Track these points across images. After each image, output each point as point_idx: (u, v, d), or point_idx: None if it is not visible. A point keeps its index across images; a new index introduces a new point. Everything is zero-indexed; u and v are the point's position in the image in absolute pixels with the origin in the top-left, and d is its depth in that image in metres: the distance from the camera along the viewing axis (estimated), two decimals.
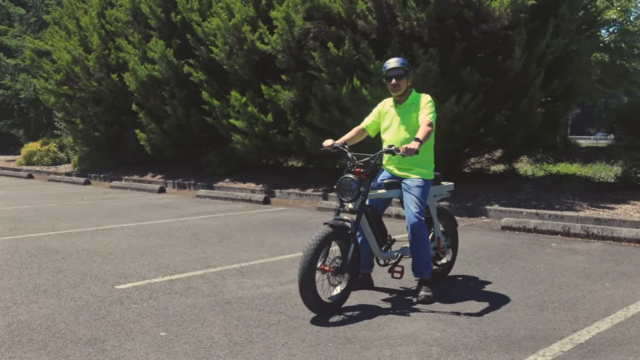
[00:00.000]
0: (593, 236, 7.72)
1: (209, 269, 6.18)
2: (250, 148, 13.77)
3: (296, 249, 7.19)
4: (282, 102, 12.73)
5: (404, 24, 10.58)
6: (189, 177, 15.54)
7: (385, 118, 5.39)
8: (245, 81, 13.67)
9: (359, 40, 11.23)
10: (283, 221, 9.51)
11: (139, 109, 16.24)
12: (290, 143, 13.10)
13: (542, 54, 10.57)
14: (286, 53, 12.52)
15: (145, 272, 6.04)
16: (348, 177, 4.82)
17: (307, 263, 4.45)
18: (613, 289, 5.37)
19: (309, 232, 8.39)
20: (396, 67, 5.20)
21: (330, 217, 9.78)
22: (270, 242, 7.67)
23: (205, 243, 7.63)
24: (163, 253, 7.01)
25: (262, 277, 5.86)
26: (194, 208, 11.23)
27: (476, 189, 11.35)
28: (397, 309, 4.79)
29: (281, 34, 12.39)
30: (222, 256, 6.83)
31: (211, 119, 14.48)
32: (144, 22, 16.25)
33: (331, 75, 11.76)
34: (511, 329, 4.28)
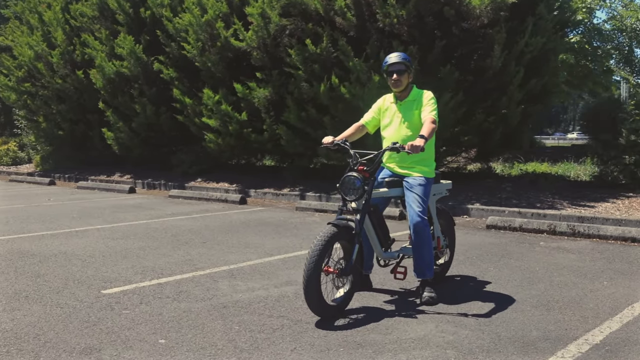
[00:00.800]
0: (579, 234, 7.72)
1: (197, 272, 5.94)
2: (224, 147, 13.49)
3: (283, 250, 7.00)
4: (257, 100, 12.50)
5: (383, 21, 10.46)
6: (159, 176, 15.16)
7: (385, 115, 5.24)
8: (218, 78, 13.38)
9: (337, 37, 11.07)
10: (263, 221, 9.29)
11: (106, 107, 15.79)
12: (265, 142, 12.87)
13: (521, 53, 10.59)
14: (261, 50, 12.29)
15: (131, 276, 5.77)
16: (352, 175, 4.65)
17: (313, 265, 4.27)
18: (612, 287, 5.32)
19: (292, 233, 8.22)
20: (397, 62, 5.05)
21: (309, 218, 9.73)
22: (255, 243, 7.46)
23: (188, 244, 7.38)
24: (145, 255, 6.73)
25: (255, 279, 5.65)
26: (168, 208, 10.92)
27: (455, 188, 11.20)
28: (402, 311, 4.64)
29: (256, 31, 12.15)
30: (208, 258, 6.60)
31: (183, 117, 14.15)
32: (111, 17, 15.81)
33: (308, 73, 11.57)
34: (523, 330, 4.17)
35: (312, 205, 10.55)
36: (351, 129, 5.29)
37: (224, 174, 14.42)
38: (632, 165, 10.33)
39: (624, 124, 10.32)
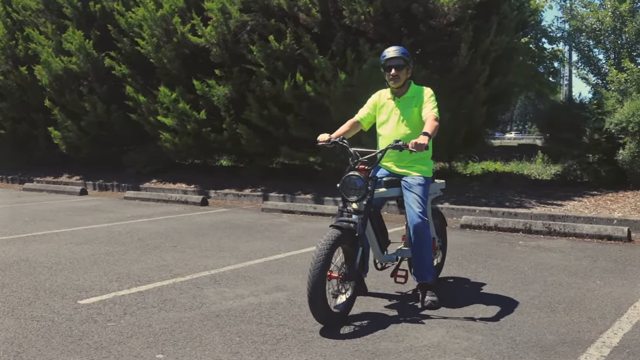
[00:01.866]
0: (555, 233, 7.72)
1: (177, 278, 5.60)
2: (181, 147, 13.05)
3: (261, 254, 6.71)
4: (216, 99, 12.13)
5: (350, 17, 10.28)
6: (110, 177, 14.56)
7: (381, 111, 5.02)
8: (174, 76, 12.94)
9: (301, 34, 10.83)
10: (231, 223, 8.96)
11: (53, 105, 15.07)
12: (224, 141, 12.50)
13: (487, 52, 10.60)
14: (221, 46, 11.93)
15: (106, 284, 5.39)
16: (353, 175, 4.41)
17: (318, 271, 4.02)
18: (607, 287, 5.27)
19: (264, 235, 7.93)
20: (396, 57, 4.85)
21: (278, 219, 9.46)
22: (229, 247, 7.14)
23: (158, 249, 7.00)
24: (116, 261, 6.33)
25: (241, 285, 5.35)
26: (126, 211, 10.44)
27: None
28: (406, 317, 4.44)
29: (216, 26, 11.79)
30: (185, 263, 6.25)
31: (136, 116, 13.64)
32: (57, 11, 15.10)
33: (271, 70, 11.29)
34: (536, 334, 4.04)
35: (279, 206, 10.28)
36: (346, 126, 5.05)
37: (180, 174, 13.97)
38: (595, 164, 10.48)
39: (587, 123, 10.45)
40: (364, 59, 10.30)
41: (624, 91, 10.70)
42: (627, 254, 6.61)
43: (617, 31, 13.10)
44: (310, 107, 11.06)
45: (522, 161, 17.95)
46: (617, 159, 10.20)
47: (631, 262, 6.24)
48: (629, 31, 12.93)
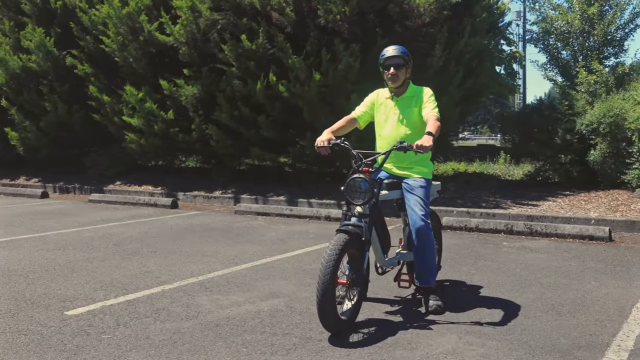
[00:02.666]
0: (537, 234, 7.74)
1: (165, 285, 5.36)
2: (147, 148, 12.69)
3: (247, 258, 6.52)
4: (185, 98, 11.83)
5: (326, 17, 10.14)
6: (71, 180, 14.07)
7: (380, 110, 4.90)
8: (140, 75, 12.57)
9: (274, 33, 10.64)
10: (207, 227, 8.72)
11: (10, 105, 14.49)
12: (193, 142, 12.21)
13: (461, 53, 10.61)
14: (190, 45, 11.64)
15: (91, 293, 5.12)
16: (358, 177, 4.28)
17: (328, 277, 3.86)
18: (604, 287, 5.27)
19: (245, 239, 7.73)
20: (395, 56, 4.75)
21: (253, 222, 9.25)
22: (211, 251, 6.92)
23: (138, 255, 6.73)
24: (95, 268, 6.05)
25: (234, 292, 5.16)
26: (94, 214, 10.07)
27: None
28: (413, 322, 4.32)
29: (185, 25, 11.49)
30: (169, 269, 6.01)
31: (99, 116, 13.21)
32: (15, 6, 14.55)
33: (242, 70, 11.06)
34: (549, 338, 3.98)
35: (253, 208, 10.06)
36: (341, 122, 4.90)
37: (145, 176, 13.61)
38: (567, 165, 10.61)
39: (558, 124, 10.57)
40: (339, 59, 10.19)
41: (593, 93, 10.87)
42: (612, 254, 6.65)
43: (584, 34, 13.35)
44: (283, 108, 10.88)
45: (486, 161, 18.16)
46: (589, 159, 10.34)
47: (618, 262, 6.27)
48: (598, 34, 13.20)
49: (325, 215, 9.28)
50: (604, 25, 13.25)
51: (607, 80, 10.82)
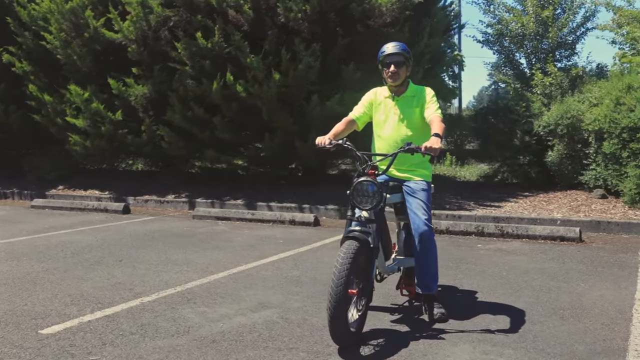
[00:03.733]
0: (508, 235, 7.71)
1: (142, 298, 4.98)
2: (93, 150, 12.07)
3: (221, 266, 6.19)
4: (134, 98, 11.31)
5: (287, 15, 9.87)
6: (8, 184, 13.23)
7: (379, 110, 4.68)
8: (84, 73, 11.94)
9: (230, 31, 10.28)
10: (167, 233, 8.30)
11: None
12: (143, 144, 11.68)
13: (421, 54, 10.54)
14: (139, 43, 11.13)
15: (62, 308, 4.69)
16: (366, 181, 4.05)
17: (342, 287, 3.62)
18: (595, 289, 5.23)
19: (212, 245, 7.39)
20: (395, 53, 4.55)
21: (216, 227, 8.88)
22: (180, 259, 6.54)
23: (102, 264, 6.29)
24: (60, 280, 5.59)
25: (219, 303, 4.84)
26: (41, 221, 9.46)
27: None
28: (421, 332, 4.13)
29: (135, 22, 10.98)
30: (141, 280, 5.62)
31: (40, 116, 12.48)
32: None
33: (197, 69, 10.65)
34: (564, 344, 3.86)
35: (212, 212, 9.68)
36: (342, 124, 4.66)
37: (90, 180, 12.96)
38: (525, 166, 10.71)
39: (517, 126, 10.66)
40: (299, 59, 9.94)
41: (548, 95, 11.02)
42: (588, 255, 6.66)
43: (538, 36, 13.58)
44: (240, 108, 10.54)
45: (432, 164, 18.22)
46: (546, 160, 10.47)
47: (597, 263, 6.28)
48: (552, 37, 13.45)
49: (290, 219, 9.00)
50: (558, 28, 13.54)
51: (561, 82, 11.00)
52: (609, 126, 9.15)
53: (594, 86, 10.57)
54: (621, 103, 9.10)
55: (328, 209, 9.73)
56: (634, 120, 8.72)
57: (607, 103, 9.46)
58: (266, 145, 10.75)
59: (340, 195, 10.64)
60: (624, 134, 8.94)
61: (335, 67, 10.26)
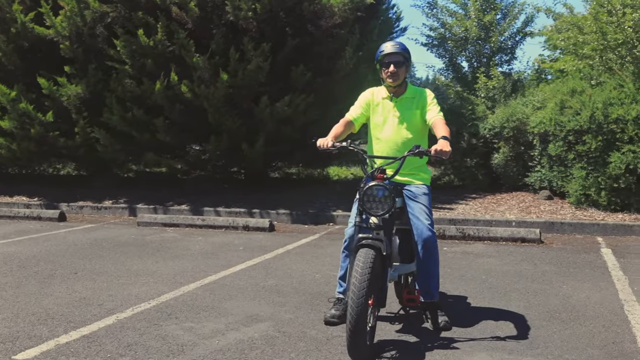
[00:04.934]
0: (470, 237, 7.72)
1: (117, 314, 4.58)
2: (20, 154, 11.28)
3: (189, 276, 5.83)
4: (67, 99, 10.64)
5: (237, 14, 9.53)
6: None
7: (376, 111, 4.48)
8: (10, 71, 11.16)
9: (174, 29, 9.84)
10: (115, 242, 7.79)
11: None
12: (77, 147, 11.02)
13: (372, 56, 10.44)
14: (74, 40, 10.49)
15: (30, 329, 4.23)
16: (376, 185, 3.85)
17: (363, 299, 3.43)
18: (578, 291, 5.24)
19: (170, 254, 6.99)
20: (395, 52, 4.36)
21: (166, 234, 8.43)
22: (142, 270, 6.12)
23: (56, 278, 5.78)
24: (15, 297, 5.08)
25: (205, 318, 4.51)
26: None
27: (301, 193, 10.84)
28: (432, 342, 3.96)
29: (69, 17, 10.33)
30: (107, 294, 5.19)
31: None
32: None
33: (137, 68, 10.13)
34: (577, 349, 3.80)
35: (159, 219, 9.20)
36: (340, 126, 4.42)
37: (16, 185, 12.11)
38: (472, 168, 10.82)
39: (464, 128, 10.76)
40: (249, 59, 9.63)
41: (492, 98, 11.21)
42: (554, 256, 6.73)
43: (480, 41, 13.81)
44: (185, 110, 10.11)
45: None
46: (492, 162, 10.62)
47: (567, 264, 6.35)
48: (494, 41, 13.71)
49: (244, 224, 8.68)
50: (499, 33, 13.84)
51: (504, 86, 11.21)
52: (555, 129, 9.36)
53: (536, 90, 10.83)
54: (566, 106, 9.32)
55: (280, 213, 9.47)
56: (580, 123, 8.95)
57: (552, 106, 9.69)
58: (211, 148, 10.36)
59: (289, 199, 10.45)
60: (569, 137, 9.16)
61: (285, 68, 10.01)
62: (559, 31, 10.68)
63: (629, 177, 8.64)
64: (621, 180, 8.67)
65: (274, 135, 10.23)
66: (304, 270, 6.12)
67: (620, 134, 8.74)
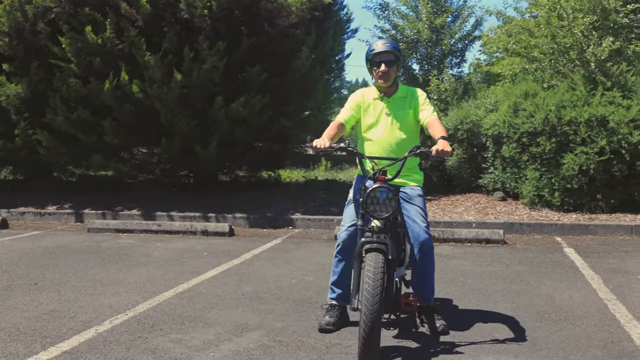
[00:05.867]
0: (434, 239, 7.62)
1: (96, 327, 4.29)
2: None
3: (161, 285, 5.56)
4: (5, 98, 10.05)
5: (192, 12, 9.24)
6: None
7: (368, 112, 4.36)
8: None
9: (124, 26, 9.45)
10: (69, 250, 7.37)
11: None
12: (17, 150, 10.42)
13: (326, 56, 10.38)
14: (13, 36, 9.93)
15: (4, 346, 3.91)
16: (380, 187, 3.74)
17: (377, 306, 3.34)
18: (558, 291, 5.28)
19: (132, 262, 6.68)
20: (386, 51, 4.24)
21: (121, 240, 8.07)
22: (106, 279, 5.80)
23: (16, 290, 5.39)
24: None
25: (191, 328, 4.28)
26: None
27: (255, 197, 10.62)
28: (434, 347, 3.88)
29: (8, 12, 9.77)
30: (78, 305, 4.87)
31: None
32: None
33: (83, 67, 9.67)
34: (580, 350, 3.80)
35: (111, 225, 8.79)
36: (334, 129, 4.25)
37: None
38: (427, 170, 10.85)
39: None
40: (203, 58, 9.36)
41: (444, 100, 11.32)
42: (522, 257, 6.80)
43: (431, 43, 13.94)
44: (136, 111, 9.72)
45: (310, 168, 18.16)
46: (446, 164, 10.72)
47: (537, 264, 6.42)
48: (445, 44, 13.86)
49: (202, 229, 8.41)
50: (450, 35, 14.01)
51: (456, 88, 11.34)
52: (509, 131, 9.52)
53: (488, 92, 11.00)
54: (520, 109, 9.50)
55: (237, 217, 9.24)
56: (534, 125, 9.13)
57: (505, 109, 9.86)
58: (163, 150, 10.01)
59: (243, 202, 10.22)
60: (523, 139, 9.34)
61: (240, 68, 9.79)
62: (509, 34, 10.88)
63: (581, 177, 8.87)
64: (574, 181, 8.90)
65: (227, 137, 9.99)
66: (278, 275, 5.95)
67: (573, 136, 8.96)
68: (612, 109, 8.92)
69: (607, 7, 9.86)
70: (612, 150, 8.75)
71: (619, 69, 9.40)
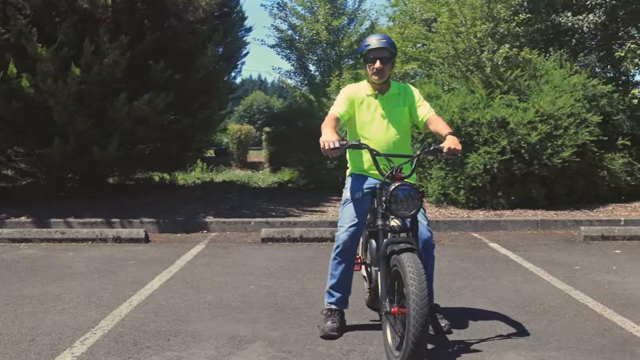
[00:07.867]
0: None
1: (72, 350, 3.77)
2: None
3: (107, 298, 5.04)
4: None
5: (93, 1, 8.51)
6: None
7: (362, 109, 4.18)
8: None
9: (12, 14, 8.51)
10: None
11: None
12: None
13: (231, 53, 10.04)
14: None
15: None
16: (402, 186, 3.62)
17: (426, 308, 3.20)
18: (519, 285, 5.43)
19: (53, 275, 6.01)
20: (381, 48, 4.08)
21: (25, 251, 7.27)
22: (39, 295, 5.13)
23: None
24: None
25: (182, 344, 3.89)
26: None
27: (156, 200, 10.03)
28: (448, 347, 3.83)
29: None
30: (28, 326, 4.25)
31: None
32: None
33: None
34: (584, 340, 3.92)
35: (4, 234, 7.79)
36: (332, 122, 4.04)
37: None
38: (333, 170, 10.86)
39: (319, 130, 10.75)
40: (104, 52, 8.66)
41: None
42: (458, 253, 6.94)
43: (328, 45, 13.89)
44: (25, 108, 8.78)
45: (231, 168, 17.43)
46: None
47: (475, 259, 6.58)
48: (344, 45, 13.85)
49: (114, 236, 7.75)
50: (347, 37, 14.06)
51: None
52: (413, 131, 9.76)
53: None
54: None
55: (144, 222, 8.61)
56: None
57: None
58: (55, 152, 9.13)
59: (146, 206, 9.56)
60: (428, 139, 9.62)
61: (143, 63, 9.18)
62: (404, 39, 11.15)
63: (485, 176, 9.30)
64: (478, 179, 9.31)
65: (128, 137, 9.34)
66: (233, 282, 5.60)
67: (476, 137, 9.39)
68: (511, 111, 9.46)
69: (496, 16, 10.45)
70: (512, 150, 9.26)
71: (514, 74, 10.00)
